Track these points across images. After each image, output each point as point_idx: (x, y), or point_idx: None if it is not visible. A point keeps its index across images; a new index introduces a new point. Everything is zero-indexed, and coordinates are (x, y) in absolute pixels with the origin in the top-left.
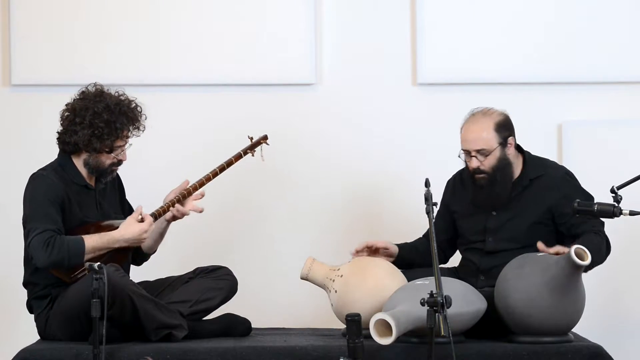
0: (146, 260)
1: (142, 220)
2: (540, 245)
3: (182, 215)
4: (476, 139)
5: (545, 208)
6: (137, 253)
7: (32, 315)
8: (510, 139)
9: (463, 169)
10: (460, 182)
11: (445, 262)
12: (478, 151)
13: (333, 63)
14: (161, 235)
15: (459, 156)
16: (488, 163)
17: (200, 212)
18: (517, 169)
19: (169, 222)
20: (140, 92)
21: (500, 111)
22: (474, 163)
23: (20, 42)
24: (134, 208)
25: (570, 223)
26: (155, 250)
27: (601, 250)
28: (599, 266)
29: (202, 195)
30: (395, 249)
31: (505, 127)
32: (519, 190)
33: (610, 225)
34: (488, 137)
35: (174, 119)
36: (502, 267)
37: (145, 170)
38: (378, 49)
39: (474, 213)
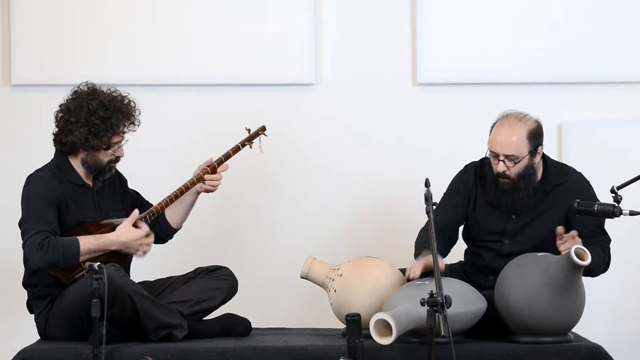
0: (170, 237)
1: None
2: (560, 228)
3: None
4: (508, 144)
5: (564, 213)
6: (163, 228)
7: (32, 315)
8: (539, 148)
9: (482, 163)
10: (481, 180)
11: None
12: (507, 156)
13: (333, 63)
14: (189, 207)
15: (486, 155)
16: (515, 170)
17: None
18: (539, 172)
19: (197, 194)
20: (141, 92)
21: (535, 118)
22: (501, 167)
23: (20, 42)
24: (140, 193)
25: (579, 234)
26: (181, 226)
27: (599, 264)
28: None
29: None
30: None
31: (537, 136)
32: (540, 195)
33: (611, 225)
34: (520, 145)
35: (174, 119)
36: None
37: (145, 170)
38: (378, 49)
39: (491, 214)
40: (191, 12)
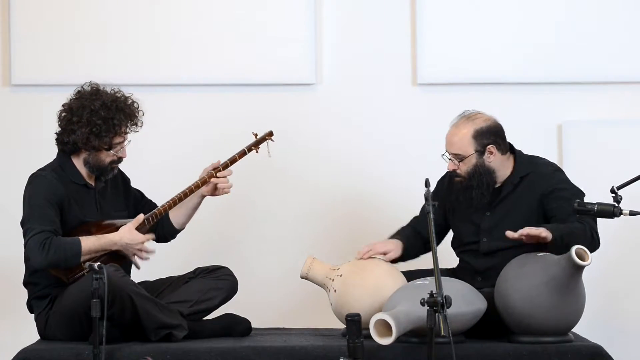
0: (173, 237)
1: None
2: (508, 233)
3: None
4: (452, 143)
5: (537, 202)
6: (166, 228)
7: (32, 315)
8: (490, 147)
9: None
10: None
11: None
12: (454, 155)
13: (333, 63)
14: (194, 209)
15: (442, 155)
16: (463, 168)
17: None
18: (508, 169)
19: (202, 196)
20: (141, 92)
21: (488, 117)
22: (450, 166)
23: (20, 42)
24: (144, 193)
25: (557, 218)
26: (184, 227)
27: (585, 234)
28: (599, 266)
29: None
30: (398, 249)
31: (486, 135)
32: (510, 189)
33: (611, 226)
34: (463, 144)
35: (174, 119)
36: (498, 267)
37: (146, 170)
38: (378, 49)
39: (467, 215)
40: (191, 12)
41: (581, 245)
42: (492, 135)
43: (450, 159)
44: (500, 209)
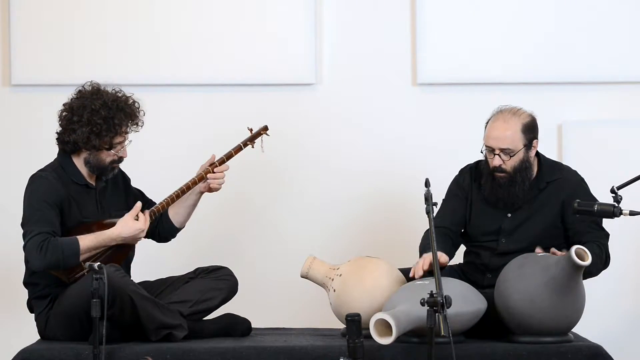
0: (173, 236)
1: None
2: (538, 249)
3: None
4: (502, 138)
5: (559, 210)
6: (166, 227)
7: (32, 315)
8: (534, 142)
9: (477, 165)
10: (476, 181)
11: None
12: (502, 150)
13: (333, 63)
14: (192, 207)
15: (481, 151)
16: (511, 163)
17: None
18: (534, 169)
19: (200, 193)
20: (140, 92)
21: (529, 112)
22: (497, 161)
23: (20, 42)
24: (144, 192)
25: (575, 230)
26: (184, 226)
27: (597, 263)
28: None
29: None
30: (446, 259)
31: (531, 129)
32: (535, 192)
33: (611, 225)
34: (514, 138)
35: (174, 119)
36: None
37: (146, 169)
38: (378, 49)
39: (487, 214)
40: (191, 12)
41: (582, 246)
42: (535, 129)
43: (497, 154)
44: (524, 212)
